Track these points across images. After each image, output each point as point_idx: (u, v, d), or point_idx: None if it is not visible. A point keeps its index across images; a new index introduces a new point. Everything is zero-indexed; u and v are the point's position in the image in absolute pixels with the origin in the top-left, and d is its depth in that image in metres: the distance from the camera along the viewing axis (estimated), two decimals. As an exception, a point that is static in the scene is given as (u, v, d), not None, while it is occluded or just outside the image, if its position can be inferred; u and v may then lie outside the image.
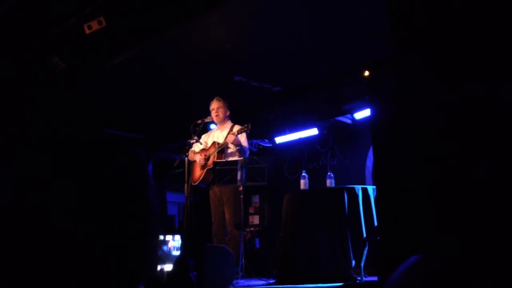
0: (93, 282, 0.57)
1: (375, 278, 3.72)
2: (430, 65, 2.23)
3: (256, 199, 7.61)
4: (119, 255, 0.59)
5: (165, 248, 5.30)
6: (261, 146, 7.39)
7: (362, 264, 3.94)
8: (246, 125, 4.71)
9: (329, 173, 4.76)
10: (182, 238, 5.21)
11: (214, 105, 5.08)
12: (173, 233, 5.45)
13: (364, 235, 4.05)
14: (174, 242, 5.40)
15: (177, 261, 3.38)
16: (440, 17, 2.18)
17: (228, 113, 5.14)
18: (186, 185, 4.84)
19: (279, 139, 7.16)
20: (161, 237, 5.34)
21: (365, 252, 3.98)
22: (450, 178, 2.07)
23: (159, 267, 4.64)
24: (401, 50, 2.40)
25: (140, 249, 0.62)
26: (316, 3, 4.09)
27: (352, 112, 6.25)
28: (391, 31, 2.45)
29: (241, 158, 4.77)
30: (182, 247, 5.10)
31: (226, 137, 4.96)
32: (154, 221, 0.65)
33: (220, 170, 4.63)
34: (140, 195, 0.64)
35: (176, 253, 5.32)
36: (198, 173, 5.06)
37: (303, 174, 4.86)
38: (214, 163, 4.77)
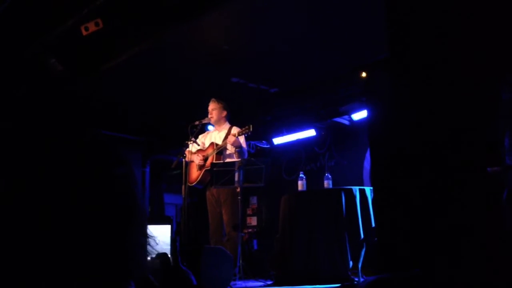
0: (83, 281, 0.57)
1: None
2: (425, 66, 2.24)
3: (253, 200, 7.62)
4: (109, 253, 0.60)
5: (152, 241, 5.21)
6: (258, 147, 7.39)
7: (360, 265, 3.95)
8: (247, 127, 4.68)
9: (326, 174, 4.77)
10: (177, 238, 5.16)
11: (210, 107, 5.08)
12: (163, 222, 5.31)
13: (362, 236, 4.05)
14: (163, 235, 5.29)
15: (161, 256, 3.33)
16: (436, 20, 2.19)
17: (224, 114, 5.10)
18: (183, 186, 4.84)
19: (277, 140, 7.16)
20: (151, 227, 5.23)
21: (363, 253, 3.98)
22: (446, 179, 2.08)
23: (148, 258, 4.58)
24: (397, 52, 2.41)
25: (130, 247, 0.63)
26: (313, 4, 4.10)
27: (349, 113, 6.26)
28: (387, 33, 2.46)
29: (239, 159, 4.77)
30: (173, 243, 5.05)
31: (225, 138, 4.95)
32: (143, 220, 0.66)
33: (218, 172, 4.62)
34: (129, 192, 0.65)
35: (165, 247, 5.24)
36: (195, 174, 5.05)
37: (301, 175, 4.86)
38: (212, 164, 4.76)
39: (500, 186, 1.77)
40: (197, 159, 5.02)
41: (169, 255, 3.31)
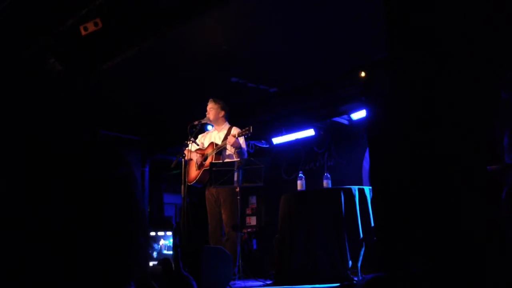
0: (84, 281, 0.57)
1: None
2: (424, 66, 2.24)
3: (253, 200, 7.62)
4: (109, 254, 0.60)
5: (156, 246, 5.27)
6: (258, 147, 7.39)
7: (359, 265, 3.95)
8: (247, 128, 4.69)
9: (326, 174, 4.77)
10: (177, 238, 5.19)
11: (208, 106, 5.11)
12: (165, 229, 5.38)
13: (361, 235, 4.06)
14: (165, 241, 5.35)
15: (163, 262, 3.34)
16: (435, 19, 2.19)
17: (222, 113, 5.11)
18: (182, 186, 4.85)
19: (276, 140, 7.16)
20: (153, 233, 5.30)
21: (362, 252, 3.98)
22: (445, 178, 2.08)
23: (151, 264, 4.61)
24: (396, 51, 2.42)
25: (130, 248, 0.63)
26: (312, 4, 4.10)
27: (348, 113, 6.26)
28: (386, 33, 2.46)
29: (238, 159, 4.77)
30: (175, 248, 5.07)
31: (225, 138, 4.96)
32: (143, 220, 0.67)
33: (217, 171, 4.63)
34: (129, 195, 0.65)
35: (168, 252, 5.29)
36: (194, 173, 5.06)
37: (300, 175, 4.87)
38: (211, 164, 4.77)
39: (499, 184, 1.77)
40: (196, 157, 5.03)
41: (171, 260, 3.33)
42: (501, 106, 1.84)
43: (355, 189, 4.25)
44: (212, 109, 5.07)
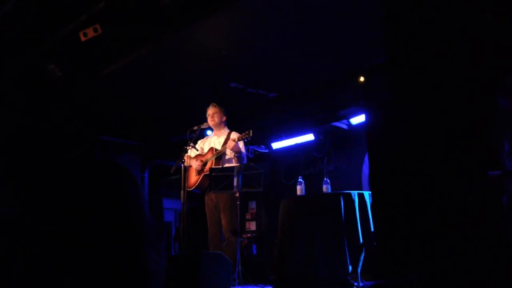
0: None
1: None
2: (423, 70, 2.24)
3: (252, 205, 7.61)
4: (123, 270, 0.60)
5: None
6: (257, 152, 7.39)
7: (359, 270, 3.94)
8: (247, 132, 4.70)
9: (325, 179, 4.77)
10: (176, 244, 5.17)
11: (210, 111, 5.13)
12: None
13: (361, 240, 4.05)
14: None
15: None
16: (434, 24, 2.20)
17: (224, 118, 5.16)
18: (182, 191, 4.84)
19: (276, 145, 7.16)
20: None
21: (362, 257, 3.97)
22: (446, 184, 2.08)
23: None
24: (395, 56, 2.42)
25: (143, 263, 0.63)
26: (311, 9, 4.11)
27: (348, 117, 6.26)
28: (384, 38, 2.47)
29: (238, 164, 4.78)
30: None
31: (225, 143, 4.97)
32: (153, 236, 0.67)
33: (217, 177, 4.63)
34: (139, 212, 0.65)
35: None
36: (194, 178, 5.06)
37: (300, 180, 4.86)
38: (210, 169, 4.77)
39: (501, 191, 1.77)
40: (195, 164, 5.03)
41: None
42: (500, 112, 1.84)
43: (354, 194, 4.24)
44: (216, 113, 5.10)
